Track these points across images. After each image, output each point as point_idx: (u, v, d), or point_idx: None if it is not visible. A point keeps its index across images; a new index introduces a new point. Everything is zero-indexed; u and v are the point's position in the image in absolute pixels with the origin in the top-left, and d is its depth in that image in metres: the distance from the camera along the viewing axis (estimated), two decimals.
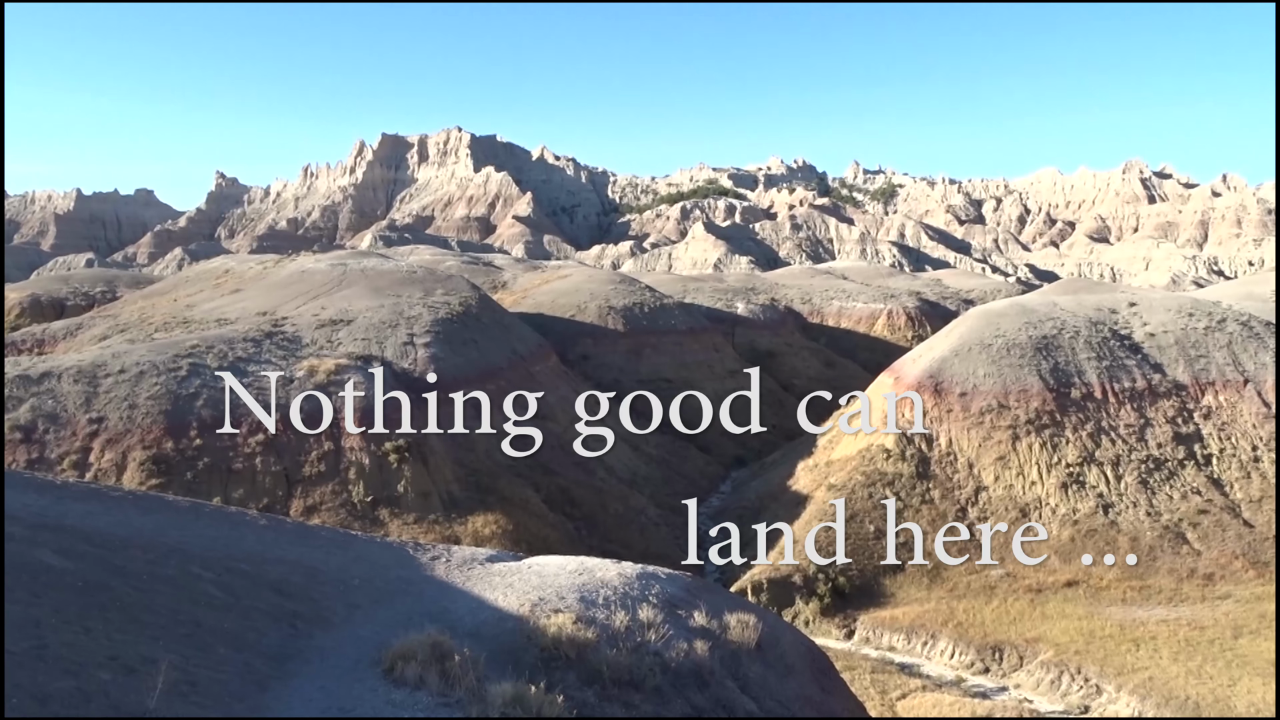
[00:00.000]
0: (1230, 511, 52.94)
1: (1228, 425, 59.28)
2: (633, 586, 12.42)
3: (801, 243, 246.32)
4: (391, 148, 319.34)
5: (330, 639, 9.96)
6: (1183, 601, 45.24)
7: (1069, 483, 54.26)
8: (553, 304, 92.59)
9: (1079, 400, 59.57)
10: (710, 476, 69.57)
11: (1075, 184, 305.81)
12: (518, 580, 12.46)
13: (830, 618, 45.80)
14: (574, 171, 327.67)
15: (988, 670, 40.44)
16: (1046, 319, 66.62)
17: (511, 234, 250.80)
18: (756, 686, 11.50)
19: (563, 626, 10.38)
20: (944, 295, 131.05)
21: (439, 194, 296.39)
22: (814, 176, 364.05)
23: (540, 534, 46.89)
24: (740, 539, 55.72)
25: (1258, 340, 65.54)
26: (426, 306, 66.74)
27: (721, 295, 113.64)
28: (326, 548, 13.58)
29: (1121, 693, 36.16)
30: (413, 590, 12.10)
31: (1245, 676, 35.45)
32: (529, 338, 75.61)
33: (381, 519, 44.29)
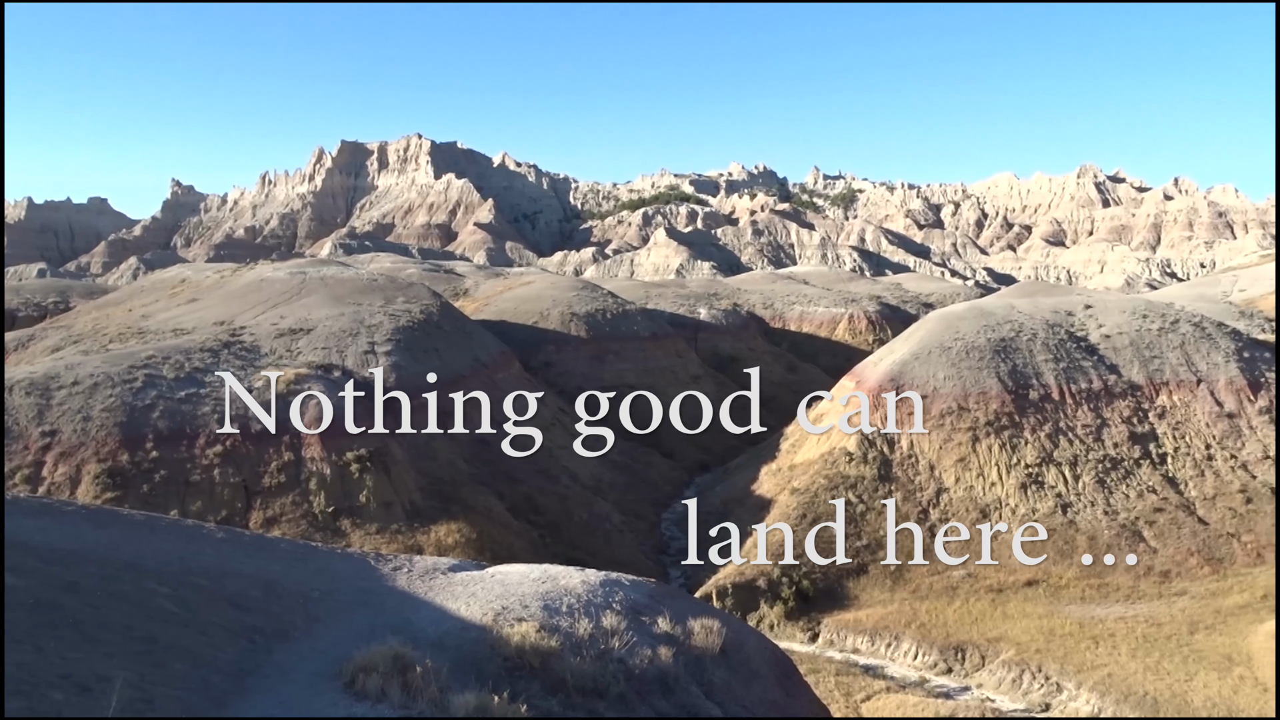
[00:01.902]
0: (1185, 509, 53.88)
1: (1181, 424, 60.37)
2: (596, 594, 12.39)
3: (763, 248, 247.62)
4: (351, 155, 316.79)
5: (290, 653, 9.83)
6: (1140, 599, 45.96)
7: (1028, 483, 54.95)
8: (515, 311, 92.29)
9: (1037, 401, 60.37)
10: (674, 482, 69.62)
11: (1031, 188, 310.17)
12: (481, 589, 12.38)
13: (795, 621, 45.98)
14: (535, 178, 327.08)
15: (950, 670, 40.80)
16: (1004, 322, 67.47)
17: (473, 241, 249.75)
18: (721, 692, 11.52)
19: (526, 635, 10.33)
20: (904, 299, 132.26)
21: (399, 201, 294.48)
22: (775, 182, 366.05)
23: (504, 542, 46.65)
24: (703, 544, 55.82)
25: (1210, 341, 66.84)
26: (387, 315, 66.25)
27: (684, 301, 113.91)
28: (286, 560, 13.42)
29: (1081, 690, 36.64)
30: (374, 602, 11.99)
31: (1201, 671, 36.06)
32: (491, 345, 75.28)
33: (343, 530, 43.84)
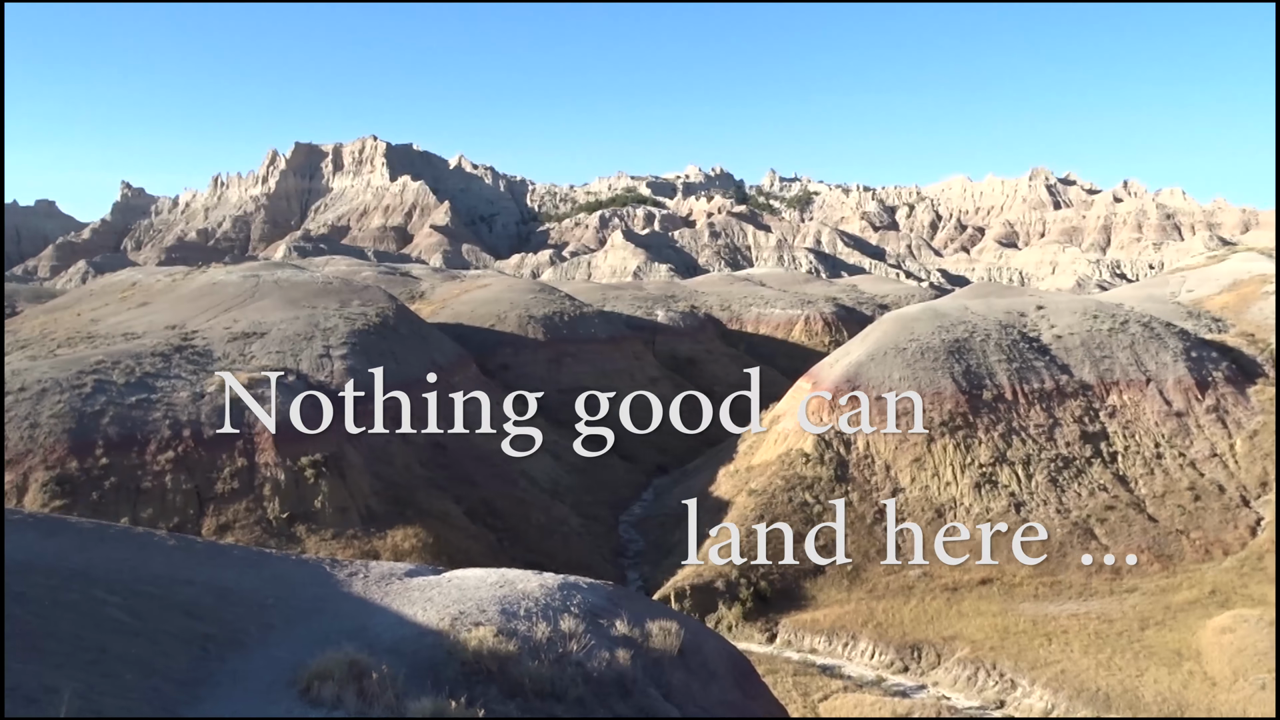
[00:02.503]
0: (1135, 507, 54.90)
1: (1131, 423, 61.52)
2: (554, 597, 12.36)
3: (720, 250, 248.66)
4: (305, 157, 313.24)
5: (244, 661, 9.71)
6: (1092, 596, 46.75)
7: (982, 482, 55.69)
8: (472, 314, 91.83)
9: (990, 401, 61.21)
10: (632, 484, 69.67)
11: (984, 191, 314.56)
12: (438, 594, 12.30)
13: (753, 622, 46.20)
14: (492, 180, 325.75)
15: (907, 669, 41.23)
16: (958, 323, 68.34)
17: (429, 244, 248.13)
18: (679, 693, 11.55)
19: (484, 640, 10.28)
20: (860, 300, 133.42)
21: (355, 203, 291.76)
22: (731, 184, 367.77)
23: (461, 546, 46.40)
24: (662, 546, 55.96)
25: (1158, 341, 68.20)
26: (343, 318, 65.63)
27: (641, 303, 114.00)
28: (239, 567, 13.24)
29: (1035, 686, 37.20)
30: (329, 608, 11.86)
31: (1152, 667, 36.78)
32: (448, 348, 74.85)
33: (298, 536, 43.34)
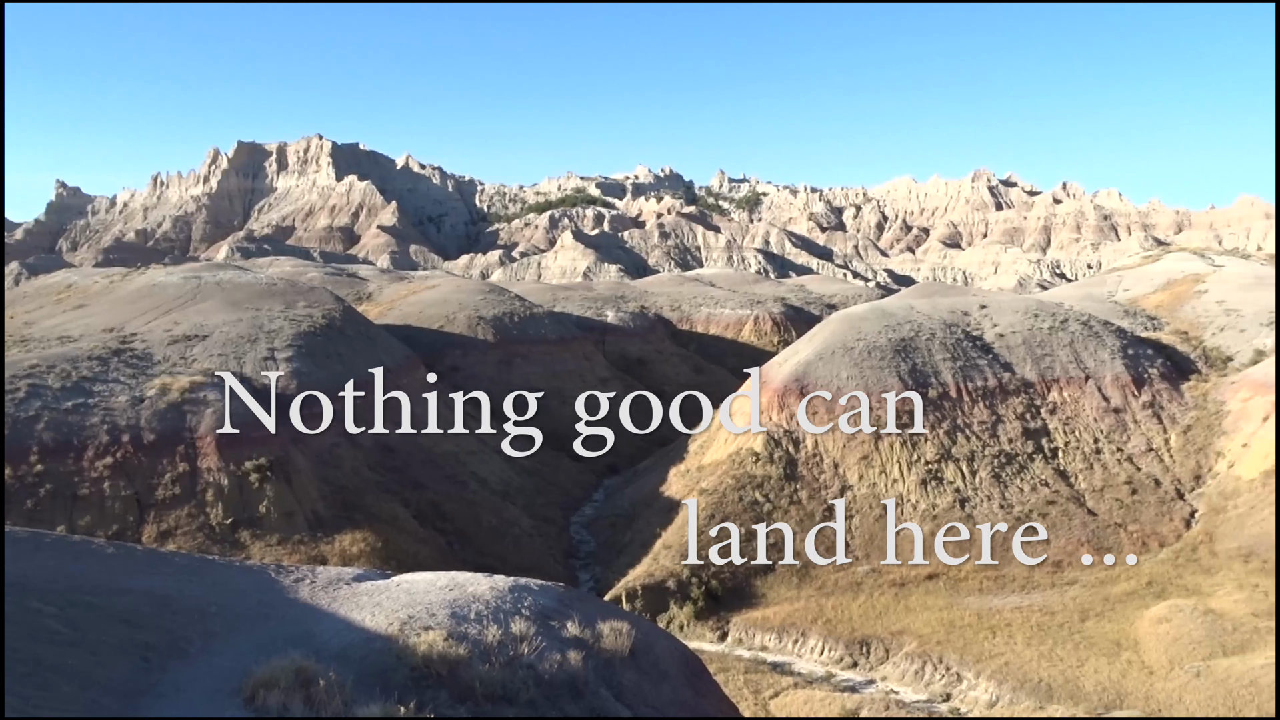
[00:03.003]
0: (1075, 501, 56.06)
1: (1071, 420, 62.80)
2: (505, 600, 12.30)
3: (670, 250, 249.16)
4: (248, 156, 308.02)
5: (186, 671, 9.52)
6: (1034, 589, 47.64)
7: (928, 479, 56.48)
8: (420, 315, 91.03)
9: (936, 399, 62.09)
10: (583, 485, 69.57)
11: (929, 192, 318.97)
12: (386, 599, 12.17)
13: (704, 620, 46.41)
14: (440, 180, 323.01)
15: (856, 664, 41.70)
16: (905, 322, 69.21)
17: (377, 244, 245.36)
18: (631, 694, 11.55)
19: (433, 644, 10.19)
20: (808, 300, 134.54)
21: (300, 204, 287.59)
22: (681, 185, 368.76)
23: (411, 550, 45.98)
24: (613, 546, 55.98)
25: (1097, 339, 69.70)
26: (288, 320, 64.67)
27: (591, 304, 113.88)
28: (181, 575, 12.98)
29: (980, 679, 37.82)
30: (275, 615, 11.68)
31: (1092, 657, 37.58)
32: (396, 350, 74.13)
33: (242, 542, 42.64)
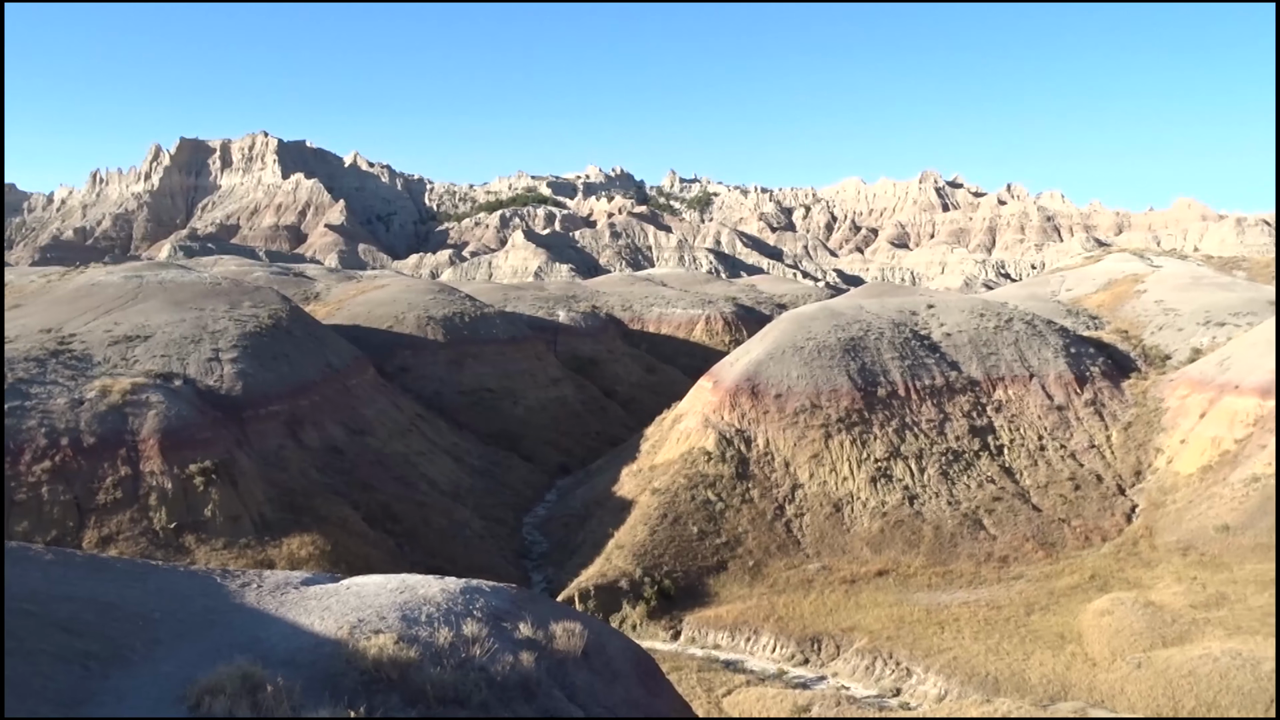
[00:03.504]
0: (1020, 498, 57.04)
1: (1016, 417, 63.90)
2: (456, 601, 12.20)
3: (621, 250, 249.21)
4: (191, 153, 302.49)
5: (129, 679, 9.31)
6: (981, 584, 48.39)
7: (878, 477, 57.10)
8: (369, 315, 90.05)
9: (885, 398, 62.81)
10: (535, 486, 69.32)
11: (877, 193, 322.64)
12: (335, 602, 12.01)
13: (657, 620, 46.46)
14: (389, 179, 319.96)
15: (807, 661, 42.01)
16: (854, 321, 69.91)
17: (324, 243, 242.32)
18: (583, 694, 11.52)
19: (384, 647, 10.08)
20: (759, 300, 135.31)
21: (245, 202, 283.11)
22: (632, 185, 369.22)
23: (360, 553, 45.47)
24: (565, 547, 55.83)
25: (1040, 338, 71.00)
26: (233, 320, 63.61)
27: (543, 303, 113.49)
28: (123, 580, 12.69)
29: (929, 673, 38.31)
30: (221, 620, 11.47)
31: (1038, 650, 38.23)
32: (344, 350, 73.27)
33: (187, 546, 41.87)
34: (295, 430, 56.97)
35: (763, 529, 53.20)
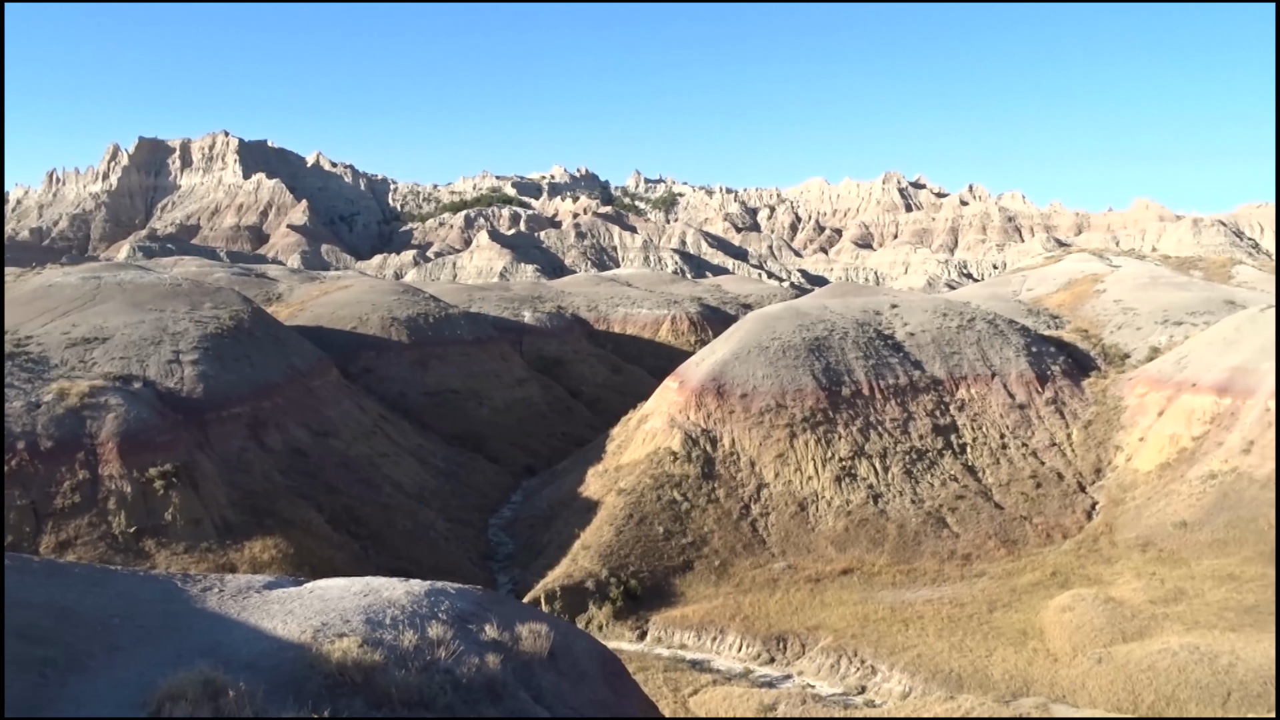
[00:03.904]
0: (983, 496, 57.67)
1: (979, 416, 64.60)
2: (421, 604, 12.14)
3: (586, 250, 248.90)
4: (150, 152, 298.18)
5: (87, 686, 9.18)
6: (945, 581, 48.86)
7: (842, 476, 57.49)
8: (332, 316, 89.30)
9: (849, 397, 63.24)
10: (500, 487, 69.08)
11: (841, 193, 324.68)
12: (298, 606, 11.91)
13: (623, 620, 46.47)
14: (352, 179, 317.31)
15: (773, 660, 42.21)
16: (818, 321, 70.33)
17: (286, 244, 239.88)
18: (550, 695, 11.51)
19: (347, 651, 10.01)
20: (724, 300, 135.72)
21: (205, 202, 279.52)
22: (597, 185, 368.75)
23: (324, 556, 45.09)
24: (531, 548, 55.72)
25: (1002, 337, 71.83)
26: (193, 321, 62.83)
27: (508, 304, 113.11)
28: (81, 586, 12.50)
29: (894, 671, 38.62)
30: (182, 625, 11.34)
31: (1000, 646, 38.67)
32: (308, 351, 72.60)
33: (147, 551, 41.29)
34: (258, 432, 56.37)
35: (728, 528, 53.37)
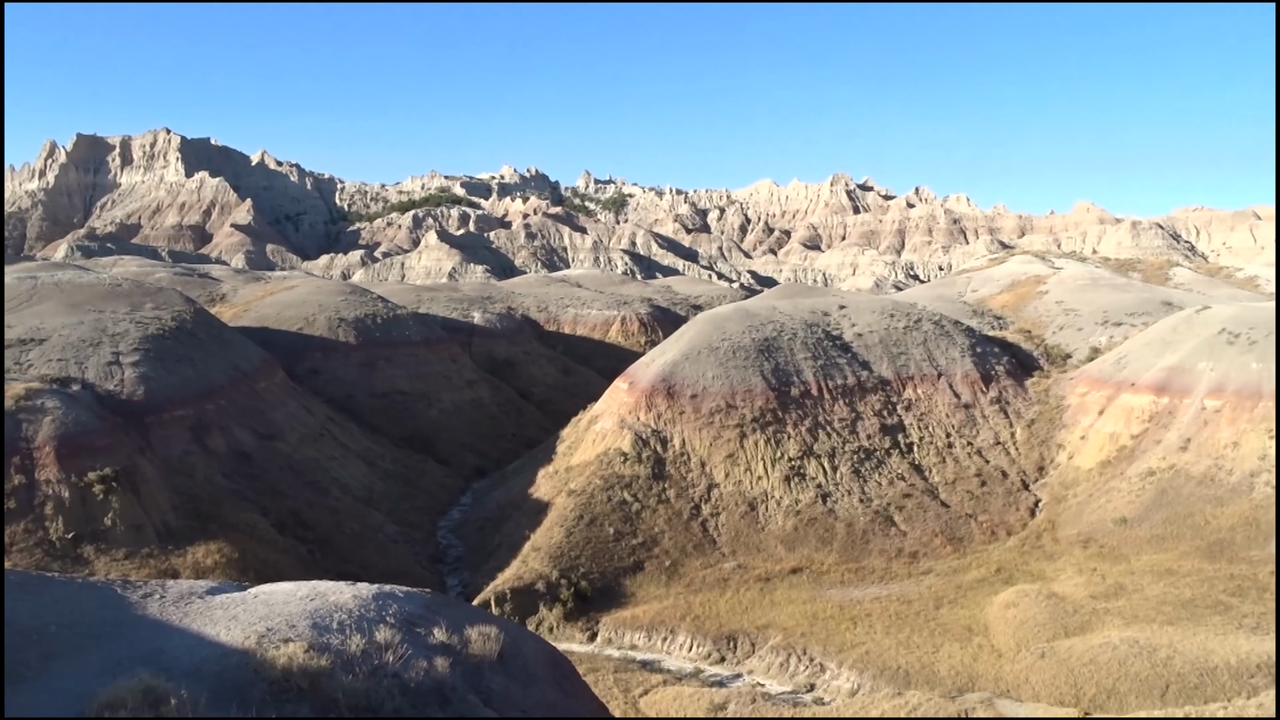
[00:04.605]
0: (930, 494, 58.46)
1: (925, 415, 65.46)
2: (369, 608, 12.01)
3: (536, 251, 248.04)
4: (89, 149, 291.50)
5: (22, 696, 8.95)
6: (892, 579, 49.44)
7: (791, 475, 57.91)
8: (278, 317, 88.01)
9: (798, 398, 63.74)
10: (450, 489, 68.58)
11: (790, 195, 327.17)
12: (243, 612, 11.71)
13: (574, 622, 46.38)
14: (298, 178, 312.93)
15: (724, 659, 42.39)
16: (767, 322, 70.79)
17: (230, 244, 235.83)
18: (499, 698, 11.45)
19: (293, 656, 9.87)
20: (674, 301, 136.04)
21: (146, 200, 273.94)
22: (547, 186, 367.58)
23: (270, 560, 44.44)
24: (481, 550, 55.38)
25: (948, 338, 72.87)
26: (134, 322, 61.55)
27: (457, 305, 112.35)
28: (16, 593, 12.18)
29: (842, 668, 39.00)
30: (121, 632, 11.10)
31: (946, 642, 39.23)
32: (252, 353, 71.47)
33: (86, 557, 40.39)
34: (201, 435, 55.39)
35: (679, 529, 53.50)
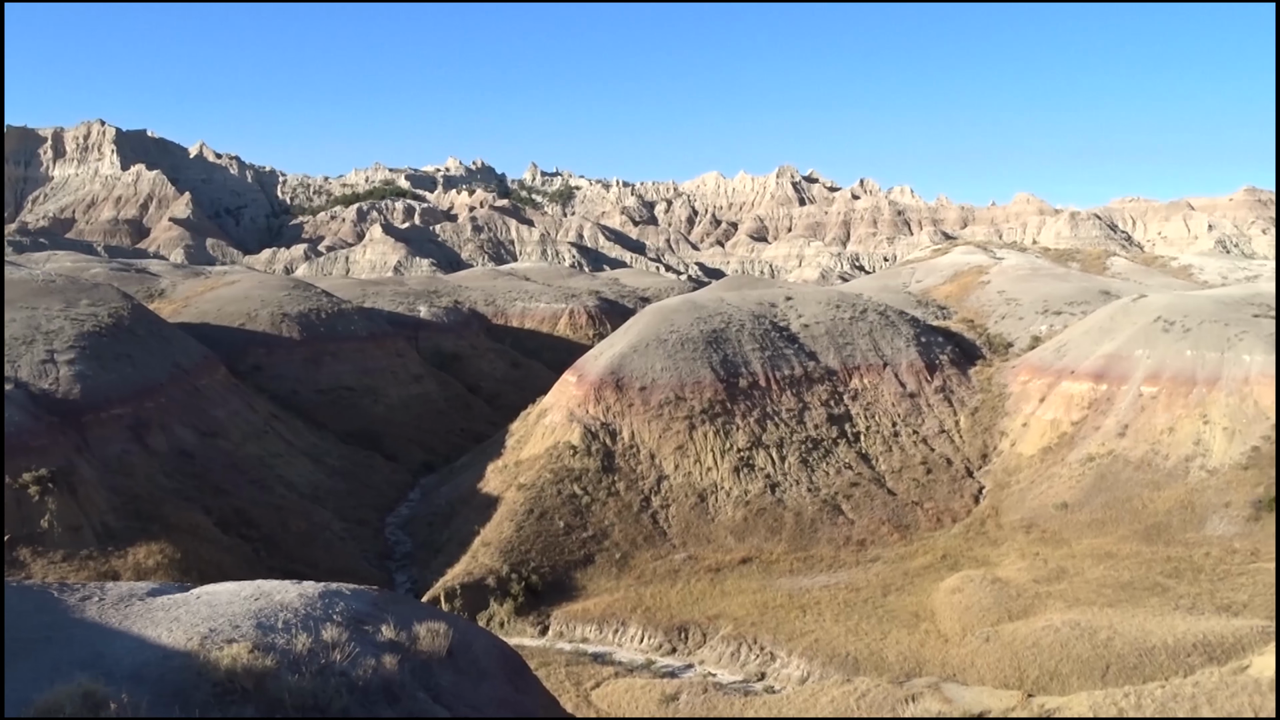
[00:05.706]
0: (877, 483, 59.19)
1: (871, 405, 66.24)
2: (315, 606, 11.87)
3: (483, 244, 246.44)
4: (19, 141, 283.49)
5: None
6: (841, 567, 50.02)
7: (740, 466, 58.27)
8: (219, 312, 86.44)
9: (746, 389, 64.14)
10: (398, 485, 67.95)
11: (736, 187, 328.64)
12: (185, 613, 11.51)
13: (524, 616, 46.26)
14: (238, 170, 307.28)
15: (675, 650, 42.57)
16: (715, 314, 71.09)
17: (169, 238, 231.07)
18: (449, 694, 11.39)
19: (237, 657, 9.72)
20: (622, 294, 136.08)
21: (81, 194, 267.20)
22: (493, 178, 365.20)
23: (214, 560, 43.68)
24: (430, 546, 55.02)
25: (893, 328, 73.79)
26: (69, 319, 60.06)
27: (403, 299, 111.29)
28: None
29: (792, 656, 39.38)
30: (59, 637, 10.84)
31: (894, 629, 39.80)
32: (193, 350, 70.11)
33: (22, 560, 39.37)
34: (141, 434, 54.26)
35: (629, 521, 53.58)
